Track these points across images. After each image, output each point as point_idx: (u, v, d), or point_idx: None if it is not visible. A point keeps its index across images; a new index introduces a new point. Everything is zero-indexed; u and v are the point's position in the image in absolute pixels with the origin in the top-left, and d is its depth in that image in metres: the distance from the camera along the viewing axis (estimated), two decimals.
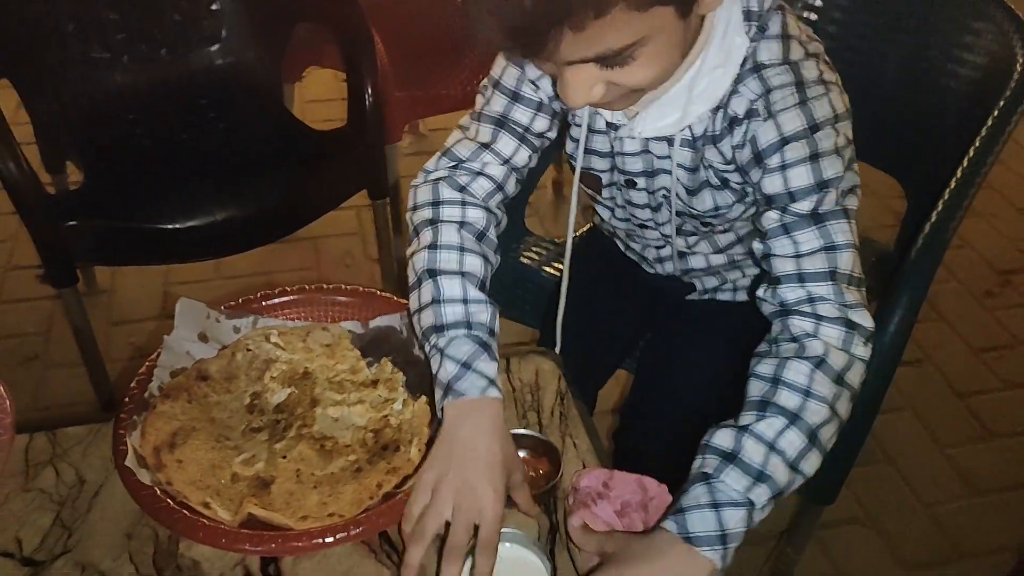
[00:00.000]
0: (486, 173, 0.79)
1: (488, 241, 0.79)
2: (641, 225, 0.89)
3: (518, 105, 0.79)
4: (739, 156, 0.71)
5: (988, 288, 1.76)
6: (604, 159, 0.82)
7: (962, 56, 1.04)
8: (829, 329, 0.67)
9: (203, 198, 1.25)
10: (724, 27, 0.68)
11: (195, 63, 1.49)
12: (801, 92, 0.67)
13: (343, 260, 1.80)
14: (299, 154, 1.36)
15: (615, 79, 0.61)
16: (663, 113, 0.72)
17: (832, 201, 0.67)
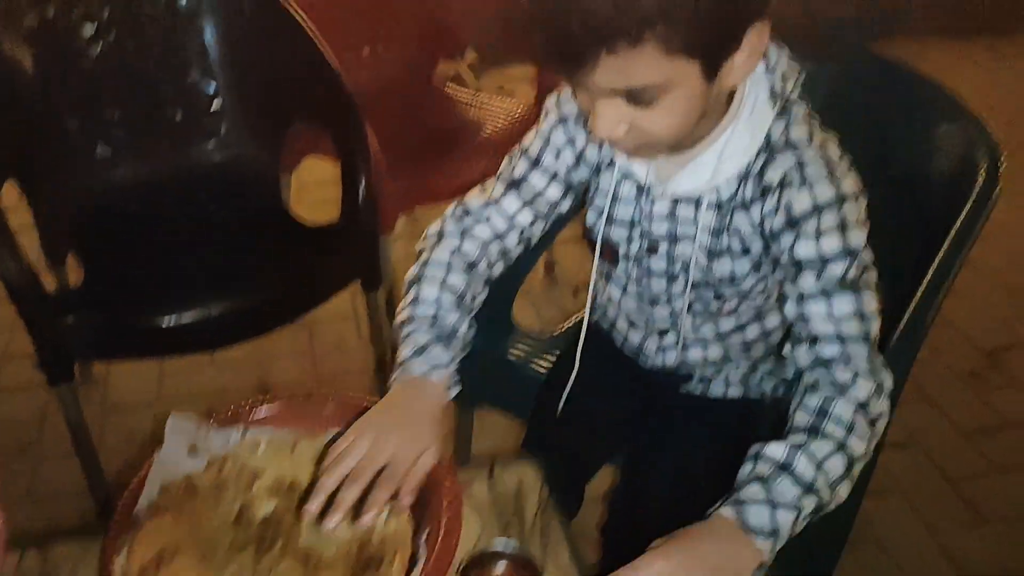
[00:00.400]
0: (490, 223, 0.90)
1: (477, 273, 0.87)
2: (652, 301, 0.92)
3: (536, 171, 0.89)
4: (770, 222, 0.78)
5: (973, 368, 1.78)
6: (624, 228, 0.89)
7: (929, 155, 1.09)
8: (864, 382, 0.74)
9: (200, 293, 1.28)
10: (753, 101, 0.77)
11: (195, 158, 1.55)
12: (830, 167, 0.76)
13: (337, 345, 1.82)
14: (294, 248, 1.40)
15: (638, 121, 0.70)
16: (695, 174, 0.80)
17: (859, 270, 0.75)
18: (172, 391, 1.68)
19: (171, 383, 1.69)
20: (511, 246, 0.92)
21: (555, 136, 0.88)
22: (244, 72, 1.53)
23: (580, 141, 0.89)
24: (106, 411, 1.64)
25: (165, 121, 1.53)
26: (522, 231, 0.91)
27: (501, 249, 0.91)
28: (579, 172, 0.91)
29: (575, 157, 0.89)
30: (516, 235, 0.91)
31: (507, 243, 0.91)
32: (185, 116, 1.53)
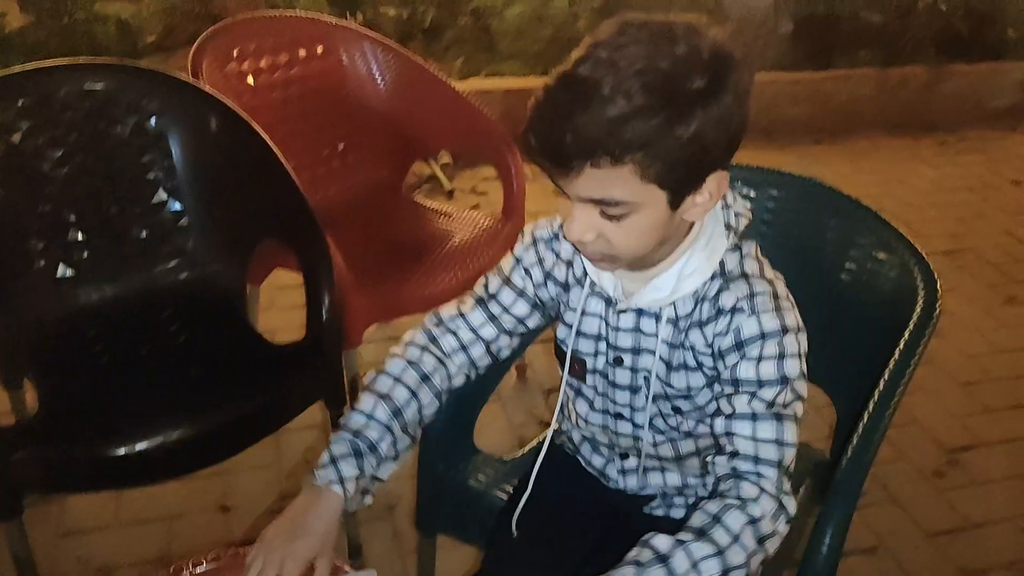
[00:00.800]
0: (456, 334, 0.98)
1: (430, 384, 0.95)
2: (617, 415, 0.98)
3: (506, 287, 0.98)
4: (720, 342, 0.86)
5: (937, 468, 1.79)
6: (591, 341, 0.95)
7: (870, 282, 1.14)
8: (766, 502, 0.81)
9: (158, 418, 1.26)
10: (710, 232, 0.86)
11: (160, 277, 1.55)
12: (776, 302, 0.86)
13: (305, 456, 1.80)
14: (258, 369, 1.40)
15: (607, 232, 0.79)
16: (657, 290, 0.88)
17: (788, 397, 0.84)
18: (130, 514, 1.63)
19: (129, 505, 1.65)
20: (476, 357, 0.99)
21: (526, 256, 0.98)
22: (210, 191, 1.55)
23: (549, 261, 0.97)
24: (59, 535, 1.58)
25: (130, 241, 1.54)
26: (488, 344, 0.99)
27: (465, 361, 0.99)
28: (547, 290, 0.98)
29: (543, 276, 0.97)
30: (482, 348, 0.99)
31: (472, 354, 0.99)
32: (150, 235, 1.55)
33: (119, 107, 1.50)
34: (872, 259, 1.13)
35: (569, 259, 0.96)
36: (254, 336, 1.48)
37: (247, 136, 1.46)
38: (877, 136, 3.45)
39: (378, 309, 1.58)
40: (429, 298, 1.64)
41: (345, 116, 1.89)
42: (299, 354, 1.40)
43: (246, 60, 1.71)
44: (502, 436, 1.84)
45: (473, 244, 1.77)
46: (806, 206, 1.20)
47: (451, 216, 1.88)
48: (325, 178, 1.85)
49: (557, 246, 0.97)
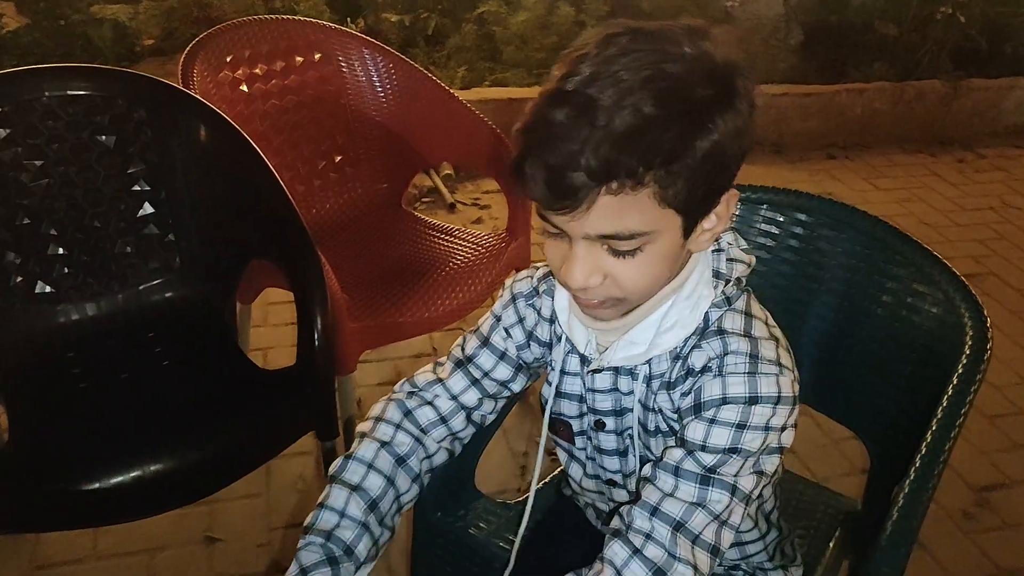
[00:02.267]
0: (434, 404, 0.87)
1: (407, 468, 0.85)
2: (610, 482, 0.88)
3: (485, 350, 0.88)
4: (681, 404, 0.76)
5: (965, 508, 1.70)
6: (574, 402, 0.86)
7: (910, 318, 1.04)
8: (637, 568, 0.70)
9: (138, 450, 1.17)
10: (697, 277, 0.75)
11: (145, 296, 1.47)
12: (753, 364, 0.73)
13: (295, 484, 1.70)
14: (247, 397, 1.31)
15: (615, 272, 0.69)
16: (632, 345, 0.77)
17: (732, 470, 0.72)
18: (109, 546, 1.54)
19: (108, 536, 1.55)
20: (458, 430, 0.89)
21: (506, 315, 0.88)
22: (199, 205, 1.47)
23: (530, 320, 0.87)
24: (33, 568, 1.49)
25: (113, 256, 1.45)
26: (470, 413, 0.89)
27: (445, 435, 0.88)
28: (530, 351, 0.88)
29: (525, 336, 0.88)
30: (463, 417, 0.89)
31: (453, 426, 0.89)
32: (135, 251, 1.46)
33: (104, 115, 1.42)
34: (911, 291, 1.04)
35: (551, 316, 0.86)
36: (243, 361, 1.39)
37: (238, 147, 1.38)
38: (892, 152, 3.35)
39: (374, 334, 1.49)
40: (428, 322, 1.56)
41: (343, 126, 1.80)
42: (289, 381, 1.31)
43: (240, 67, 1.63)
44: (503, 465, 1.75)
45: (476, 264, 1.68)
46: (837, 233, 1.11)
47: (453, 234, 1.79)
48: (321, 192, 1.77)
49: (538, 302, 0.87)
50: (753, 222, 1.14)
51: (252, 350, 1.91)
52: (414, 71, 1.82)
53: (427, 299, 1.58)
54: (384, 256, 1.72)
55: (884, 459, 1.08)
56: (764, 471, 0.74)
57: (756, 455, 0.73)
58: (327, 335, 1.27)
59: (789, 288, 1.12)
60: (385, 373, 2.01)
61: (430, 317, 1.55)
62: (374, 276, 1.64)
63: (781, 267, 1.13)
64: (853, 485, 1.30)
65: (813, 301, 1.11)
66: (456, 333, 2.15)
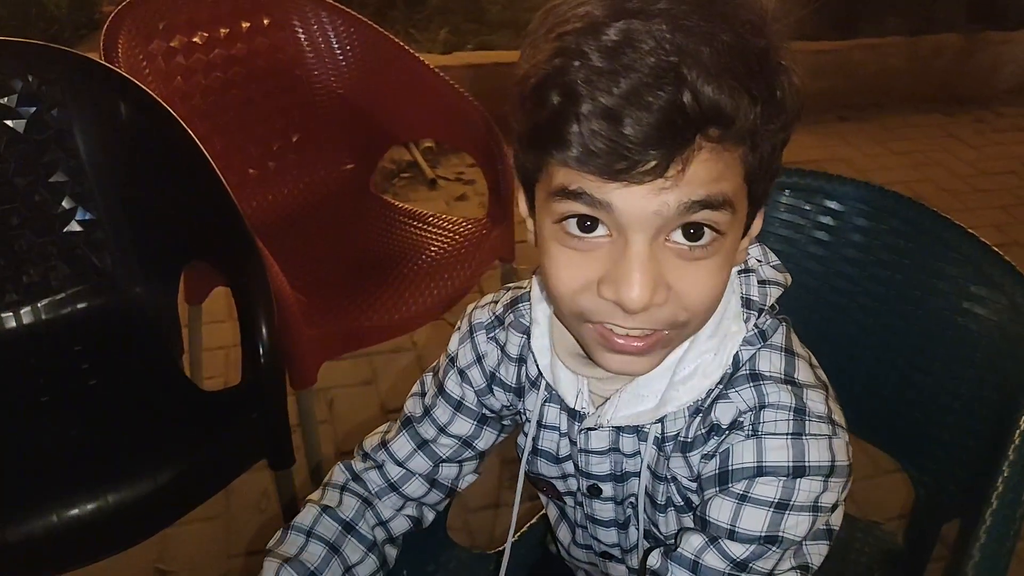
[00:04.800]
0: (383, 470, 0.73)
1: (357, 535, 0.71)
2: (605, 555, 0.70)
3: (440, 400, 0.71)
4: (703, 467, 0.58)
5: None
6: (554, 464, 0.68)
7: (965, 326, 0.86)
8: None
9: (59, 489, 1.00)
10: (721, 310, 0.57)
11: (71, 302, 1.28)
12: (799, 423, 0.56)
13: (258, 504, 1.54)
14: (185, 422, 1.13)
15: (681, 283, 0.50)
16: (639, 397, 0.59)
17: (768, 566, 0.56)
18: None
19: None
20: (416, 495, 0.73)
21: (461, 354, 0.70)
22: (128, 198, 1.27)
23: (492, 358, 0.68)
24: None
25: (32, 259, 1.26)
26: (428, 478, 0.73)
27: (401, 502, 0.72)
28: (493, 398, 0.69)
29: (486, 379, 0.69)
30: (419, 483, 0.73)
31: (408, 491, 0.73)
32: (56, 252, 1.27)
33: (12, 97, 1.22)
34: (966, 295, 0.86)
35: (519, 355, 0.67)
36: (182, 382, 1.21)
37: (167, 129, 1.18)
38: (907, 113, 3.15)
39: (336, 341, 1.31)
40: (399, 324, 1.37)
41: (300, 101, 1.60)
42: (235, 402, 1.14)
43: (176, 35, 1.42)
44: (488, 477, 1.58)
45: (453, 255, 1.49)
46: (876, 224, 0.92)
47: (427, 220, 1.59)
48: (277, 176, 1.57)
49: (502, 336, 0.67)
50: (773, 211, 0.95)
51: (209, 349, 1.73)
52: (381, 37, 1.61)
53: (397, 298, 1.39)
54: (349, 249, 1.53)
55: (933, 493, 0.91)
56: (809, 564, 0.58)
57: (799, 544, 0.55)
58: (274, 348, 1.09)
59: (817, 290, 0.95)
60: (360, 372, 1.83)
61: (401, 319, 1.36)
62: (337, 273, 1.45)
63: (807, 264, 0.95)
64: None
65: (846, 306, 0.94)
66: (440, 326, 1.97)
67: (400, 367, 1.86)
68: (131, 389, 1.18)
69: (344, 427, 1.70)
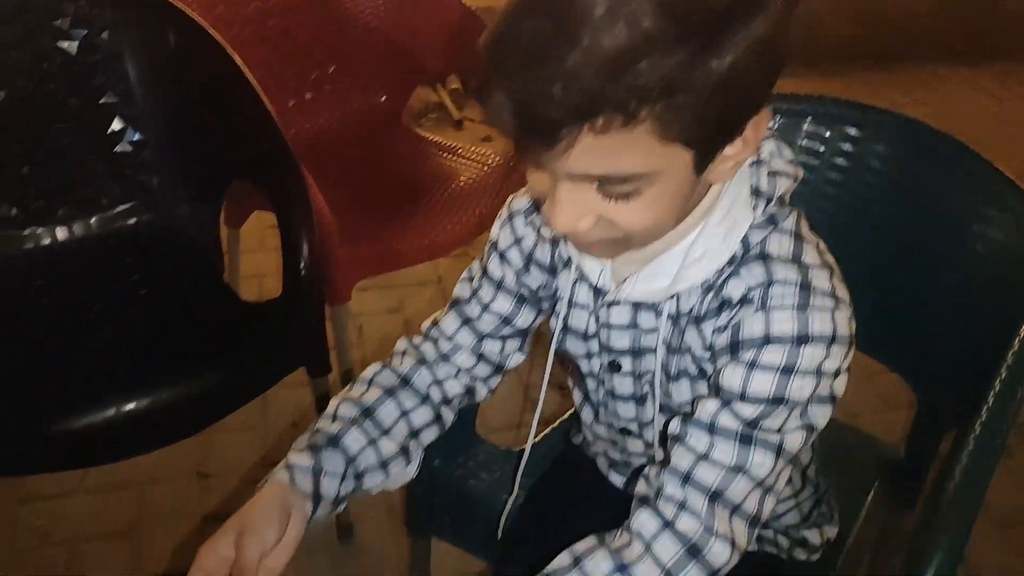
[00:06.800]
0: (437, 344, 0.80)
1: (412, 387, 0.78)
2: (624, 431, 0.78)
3: (485, 280, 0.78)
4: (716, 340, 0.65)
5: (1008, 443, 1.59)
6: (581, 340, 0.75)
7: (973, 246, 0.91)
8: (669, 543, 0.61)
9: (116, 387, 1.09)
10: (731, 199, 0.63)
11: (120, 219, 1.35)
12: (804, 296, 0.61)
13: (292, 417, 1.62)
14: (229, 332, 1.20)
15: (610, 215, 0.57)
16: (654, 278, 0.66)
17: (776, 424, 0.61)
18: (97, 478, 1.48)
19: (96, 470, 1.48)
20: (466, 366, 0.80)
21: (502, 236, 0.76)
22: (175, 120, 1.33)
23: (529, 240, 0.75)
24: (17, 501, 1.43)
25: (84, 177, 1.33)
26: (475, 351, 0.80)
27: (452, 371, 0.80)
28: (531, 277, 0.76)
29: (524, 259, 0.76)
30: (467, 355, 0.80)
31: (457, 362, 0.80)
32: (107, 171, 1.33)
33: (64, 20, 1.27)
34: (978, 216, 0.90)
35: (554, 236, 0.73)
36: (226, 293, 1.28)
37: (213, 55, 1.23)
38: (934, 64, 3.13)
39: (369, 261, 1.37)
40: (429, 248, 1.43)
41: (336, 32, 1.64)
42: (276, 313, 1.20)
43: None
44: (512, 398, 1.65)
45: (481, 185, 1.55)
46: (892, 149, 0.96)
47: (457, 152, 1.64)
48: (313, 106, 1.62)
49: (538, 219, 0.74)
50: (794, 138, 0.99)
51: (245, 277, 1.81)
52: None
53: (428, 223, 1.45)
54: (382, 176, 1.58)
55: (934, 406, 0.97)
56: (814, 425, 0.62)
57: (804, 405, 0.61)
58: (314, 263, 1.15)
59: (835, 213, 0.99)
60: (388, 301, 1.90)
61: (431, 243, 1.42)
62: (371, 199, 1.51)
63: (826, 189, 1.00)
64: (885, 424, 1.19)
65: (862, 228, 0.98)
66: (463, 259, 2.03)
67: (425, 297, 1.93)
68: (179, 299, 1.25)
69: (372, 351, 1.77)
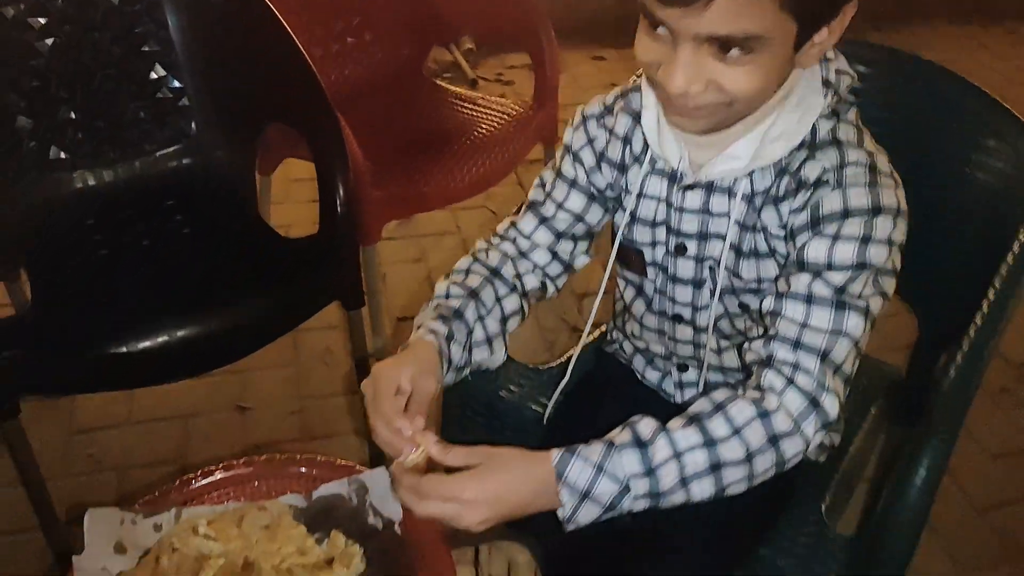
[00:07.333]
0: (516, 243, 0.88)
1: (501, 278, 0.85)
2: (676, 317, 0.85)
3: (558, 181, 0.86)
4: (794, 220, 0.72)
5: (1004, 384, 1.67)
6: (650, 229, 0.82)
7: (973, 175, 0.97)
8: (794, 396, 0.68)
9: (161, 316, 1.16)
10: (805, 86, 0.71)
11: (162, 163, 1.42)
12: (873, 176, 0.70)
13: (323, 357, 1.71)
14: (267, 265, 1.28)
15: (722, 78, 0.64)
16: (733, 158, 0.73)
17: (859, 289, 0.69)
18: (142, 411, 1.57)
19: (142, 403, 1.58)
20: (542, 263, 0.88)
21: (575, 139, 0.85)
22: (212, 68, 1.39)
23: (601, 140, 0.83)
24: (70, 433, 1.52)
25: (127, 122, 1.40)
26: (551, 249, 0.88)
27: (530, 267, 0.89)
28: (601, 175, 0.84)
29: (596, 158, 0.84)
30: (543, 253, 0.88)
31: (536, 259, 0.88)
32: (148, 116, 1.40)
33: None
34: (976, 146, 0.96)
35: (625, 135, 0.81)
36: (264, 229, 1.36)
37: (250, 4, 1.29)
38: (942, 24, 3.15)
39: (397, 203, 1.44)
40: (452, 192, 1.51)
41: None
42: (313, 250, 1.28)
43: None
44: (530, 342, 1.73)
45: (501, 134, 1.61)
46: (898, 84, 1.02)
47: (477, 103, 1.70)
48: (339, 57, 1.68)
49: (610, 121, 0.82)
50: None
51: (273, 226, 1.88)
52: None
53: (451, 169, 1.52)
54: (406, 125, 1.65)
55: (933, 327, 1.04)
56: (886, 292, 0.71)
57: (879, 272, 0.70)
58: (349, 201, 1.22)
59: None
60: (409, 251, 1.98)
61: (455, 187, 1.49)
62: (396, 145, 1.58)
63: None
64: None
65: None
66: (481, 212, 2.11)
67: (446, 248, 2.00)
68: (221, 237, 1.33)
69: (396, 298, 1.85)
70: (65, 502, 1.29)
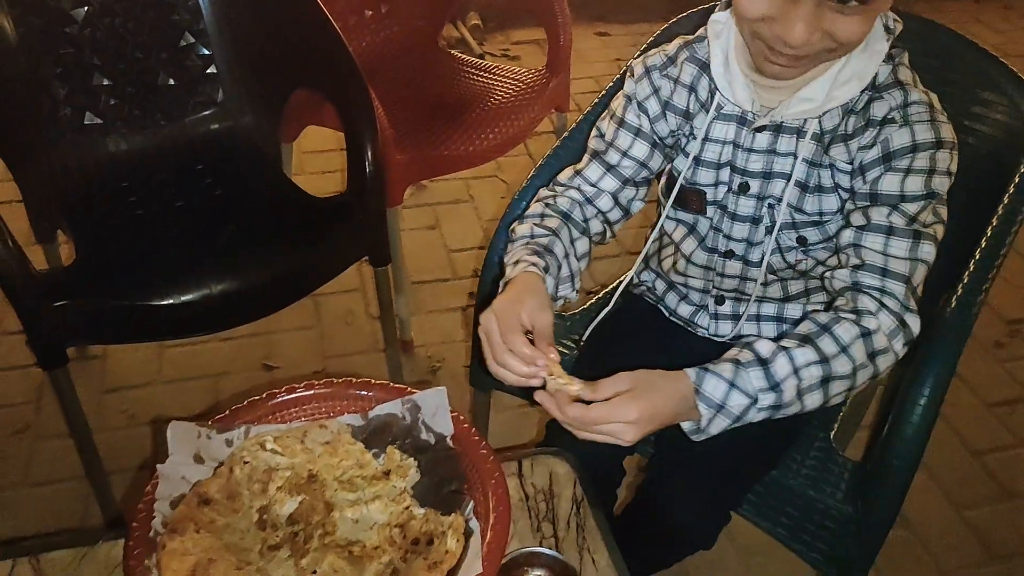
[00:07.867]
0: (581, 189, 0.94)
1: (573, 221, 0.91)
2: (727, 253, 0.91)
3: (621, 130, 0.91)
4: (863, 155, 0.79)
5: (997, 339, 1.74)
6: (713, 170, 0.88)
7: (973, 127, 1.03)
8: (886, 317, 0.76)
9: (198, 271, 1.21)
10: (873, 31, 0.76)
11: (191, 128, 1.47)
12: (933, 113, 0.78)
13: (344, 318, 1.77)
14: (298, 223, 1.33)
15: (835, 28, 0.69)
16: (804, 100, 0.79)
17: (929, 216, 0.77)
18: (173, 370, 1.62)
19: (172, 361, 1.64)
20: (605, 208, 0.93)
21: (639, 89, 0.89)
22: (240, 36, 1.44)
23: (666, 90, 0.89)
24: (104, 390, 1.58)
25: (157, 88, 1.45)
26: (614, 196, 0.93)
27: (594, 212, 0.93)
28: (666, 123, 0.90)
29: (661, 107, 0.89)
30: (608, 199, 0.93)
31: (600, 205, 0.93)
32: (178, 83, 1.45)
33: None
34: (976, 99, 1.02)
35: (690, 83, 0.87)
36: (294, 189, 1.41)
37: None
38: None
39: (419, 166, 1.50)
40: (471, 156, 1.56)
41: None
42: (342, 207, 1.34)
43: None
44: None
45: (516, 101, 1.66)
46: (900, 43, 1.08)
47: (491, 72, 1.76)
48: (357, 29, 1.73)
49: (674, 71, 0.88)
50: None
51: None
52: None
53: (469, 134, 1.57)
54: (424, 93, 1.70)
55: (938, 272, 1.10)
56: (944, 219, 0.78)
57: (940, 201, 0.77)
58: (377, 160, 1.28)
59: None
60: (425, 218, 2.03)
61: (474, 151, 1.55)
62: (416, 112, 1.63)
63: None
64: None
65: None
66: (492, 181, 2.17)
67: (459, 215, 2.05)
68: (253, 197, 1.38)
69: (412, 262, 1.90)
70: (104, 456, 1.35)
